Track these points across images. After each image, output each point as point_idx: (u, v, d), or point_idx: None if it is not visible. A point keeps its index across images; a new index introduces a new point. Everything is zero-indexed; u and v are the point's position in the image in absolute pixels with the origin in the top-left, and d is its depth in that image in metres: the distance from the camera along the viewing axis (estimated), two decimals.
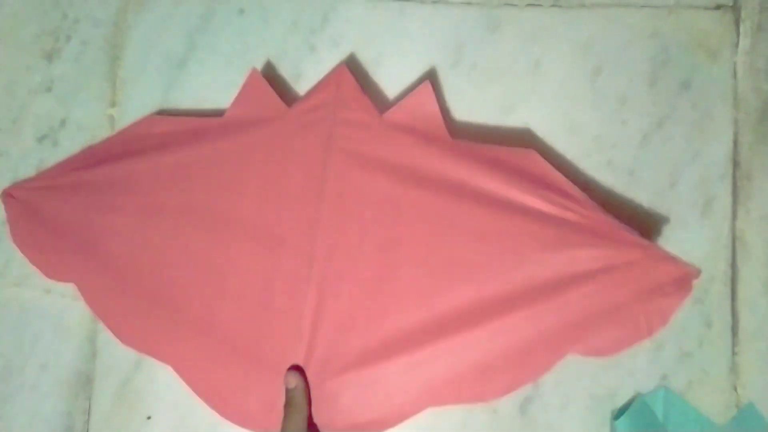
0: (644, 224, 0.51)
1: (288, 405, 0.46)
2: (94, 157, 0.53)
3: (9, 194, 0.53)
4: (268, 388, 0.47)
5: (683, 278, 0.44)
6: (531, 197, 0.45)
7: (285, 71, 0.54)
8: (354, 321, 0.47)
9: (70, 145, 0.55)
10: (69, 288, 0.53)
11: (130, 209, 0.51)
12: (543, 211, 0.45)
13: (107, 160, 0.52)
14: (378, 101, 0.53)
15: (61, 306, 0.53)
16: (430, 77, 0.53)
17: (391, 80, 0.54)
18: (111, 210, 0.51)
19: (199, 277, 0.49)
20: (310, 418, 0.47)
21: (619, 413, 0.48)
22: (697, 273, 0.45)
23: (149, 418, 0.51)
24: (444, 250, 0.46)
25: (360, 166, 0.48)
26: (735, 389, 0.51)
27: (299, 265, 0.48)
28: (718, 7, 0.53)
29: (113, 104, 0.55)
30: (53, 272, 0.52)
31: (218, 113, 0.53)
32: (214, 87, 0.53)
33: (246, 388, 0.48)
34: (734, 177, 0.52)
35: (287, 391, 0.46)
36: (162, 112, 0.55)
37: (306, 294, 0.48)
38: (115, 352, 0.52)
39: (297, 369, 0.47)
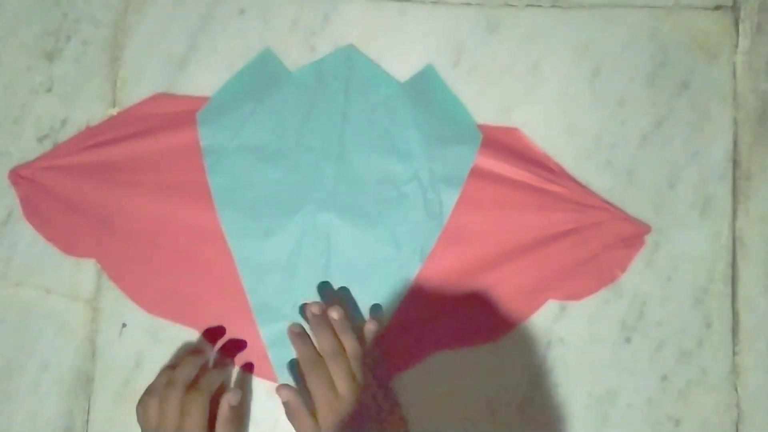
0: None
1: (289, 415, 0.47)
2: (99, 137, 0.54)
3: (17, 174, 0.54)
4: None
5: (638, 234, 0.51)
6: (516, 170, 0.51)
7: None
8: None
9: None
10: (69, 288, 0.53)
11: (149, 186, 0.52)
12: (526, 182, 0.51)
13: (116, 139, 0.53)
14: None
15: (61, 306, 0.53)
16: None
17: None
18: (128, 187, 0.52)
19: (223, 248, 0.52)
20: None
21: None
22: (648, 229, 0.51)
23: None
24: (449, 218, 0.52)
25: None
26: (735, 389, 0.51)
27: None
28: (717, 8, 0.54)
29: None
30: (71, 248, 0.53)
31: None
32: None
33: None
34: (734, 177, 0.52)
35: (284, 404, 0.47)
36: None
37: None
38: (115, 352, 0.52)
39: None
